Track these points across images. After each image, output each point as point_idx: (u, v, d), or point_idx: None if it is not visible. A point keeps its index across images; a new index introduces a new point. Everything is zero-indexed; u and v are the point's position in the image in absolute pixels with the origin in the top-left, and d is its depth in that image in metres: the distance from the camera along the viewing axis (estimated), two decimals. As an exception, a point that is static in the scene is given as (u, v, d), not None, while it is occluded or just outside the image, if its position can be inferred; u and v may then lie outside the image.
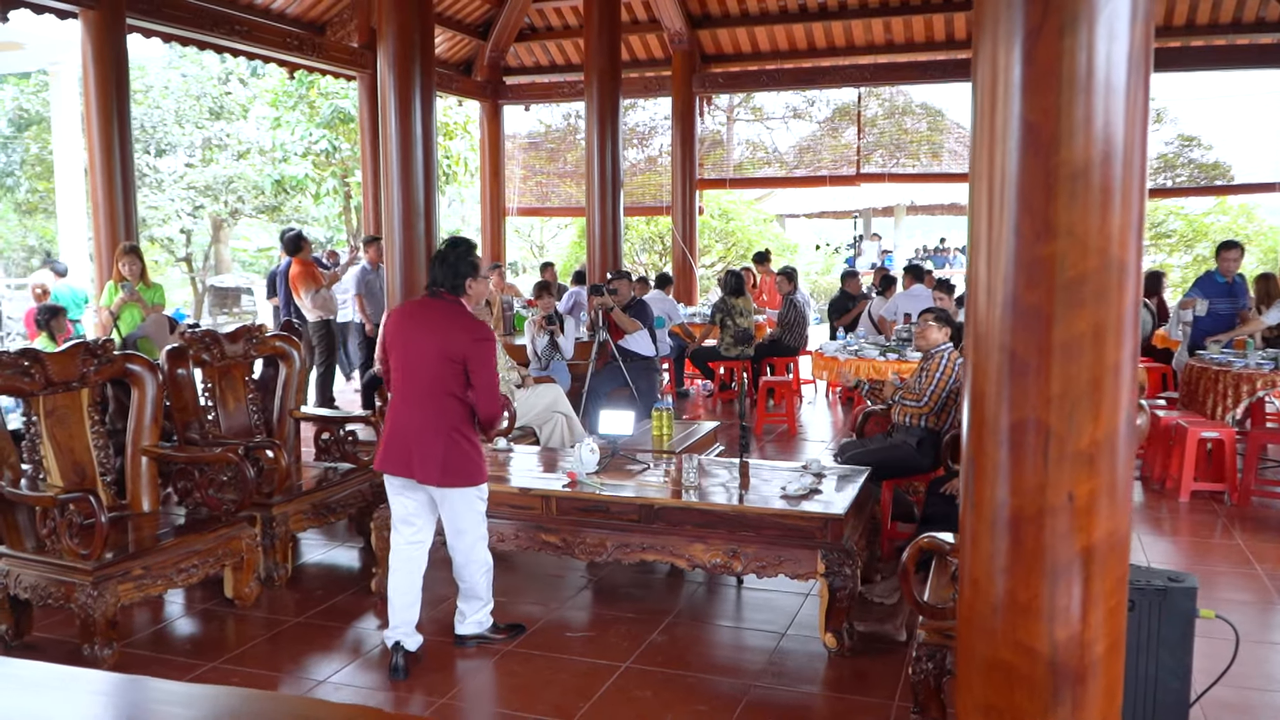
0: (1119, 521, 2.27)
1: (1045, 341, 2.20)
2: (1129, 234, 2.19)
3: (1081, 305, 2.17)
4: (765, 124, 18.09)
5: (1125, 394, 2.24)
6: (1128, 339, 2.23)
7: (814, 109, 18.08)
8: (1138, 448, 5.06)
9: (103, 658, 3.97)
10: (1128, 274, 2.20)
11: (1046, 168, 2.16)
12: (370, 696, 3.80)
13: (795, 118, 18.41)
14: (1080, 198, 2.15)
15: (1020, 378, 2.23)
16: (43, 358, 4.42)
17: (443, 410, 3.84)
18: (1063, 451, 2.21)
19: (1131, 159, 2.20)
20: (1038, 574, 2.27)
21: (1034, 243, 2.19)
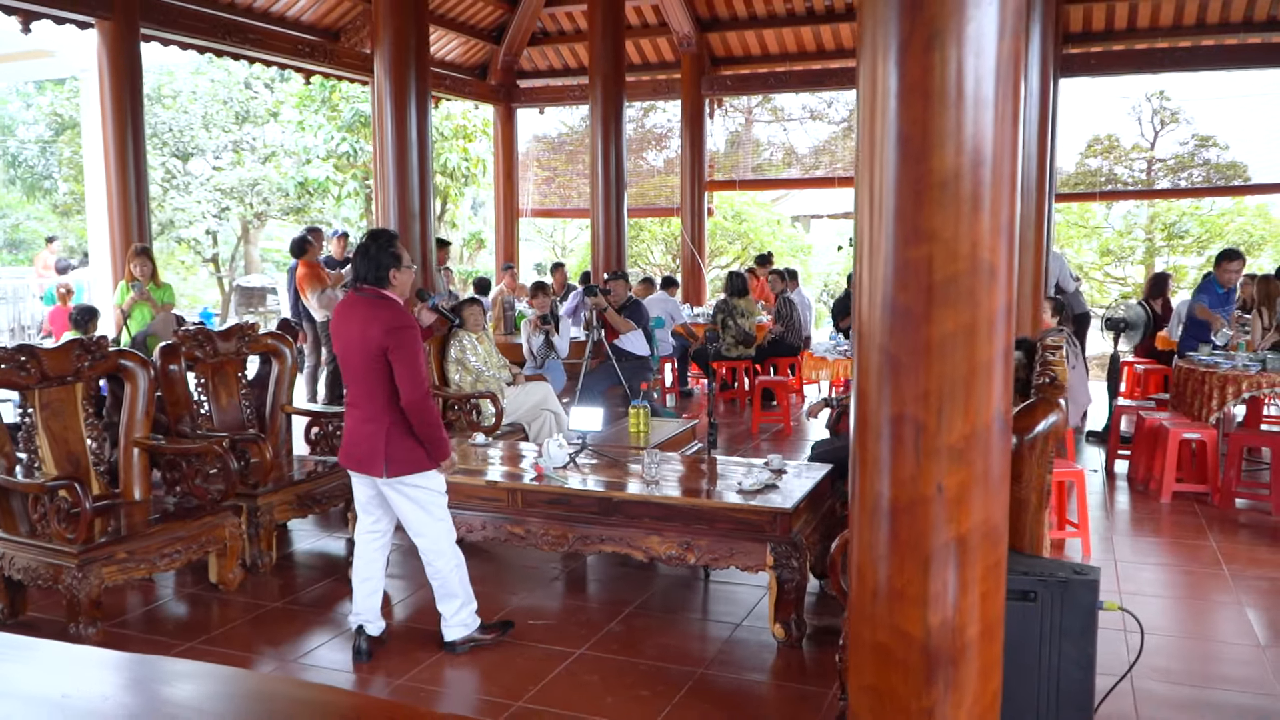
0: (991, 512, 2.40)
1: (917, 341, 2.33)
2: (998, 238, 2.32)
3: (950, 306, 2.30)
4: (783, 125, 18.18)
5: (996, 391, 2.36)
6: (999, 338, 2.35)
7: (831, 110, 18.17)
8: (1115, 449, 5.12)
9: (87, 635, 4.19)
10: (997, 276, 2.32)
11: (916, 175, 2.30)
12: (332, 676, 3.99)
13: (814, 119, 18.50)
14: (948, 204, 2.28)
15: (895, 375, 2.36)
16: (38, 353, 4.66)
17: (379, 403, 3.89)
18: (933, 445, 2.34)
19: (1000, 167, 2.33)
20: (912, 561, 2.40)
21: (906, 247, 2.32)
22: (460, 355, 6.81)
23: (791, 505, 4.19)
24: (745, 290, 10.16)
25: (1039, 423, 3.16)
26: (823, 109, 18.33)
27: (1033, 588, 2.91)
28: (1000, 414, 2.38)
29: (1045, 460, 3.17)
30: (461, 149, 16.29)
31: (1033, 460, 3.15)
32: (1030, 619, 2.91)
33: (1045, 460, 3.17)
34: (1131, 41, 11.38)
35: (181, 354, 5.38)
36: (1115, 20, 11.28)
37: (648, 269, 16.80)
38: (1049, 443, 3.18)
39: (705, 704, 3.71)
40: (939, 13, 2.24)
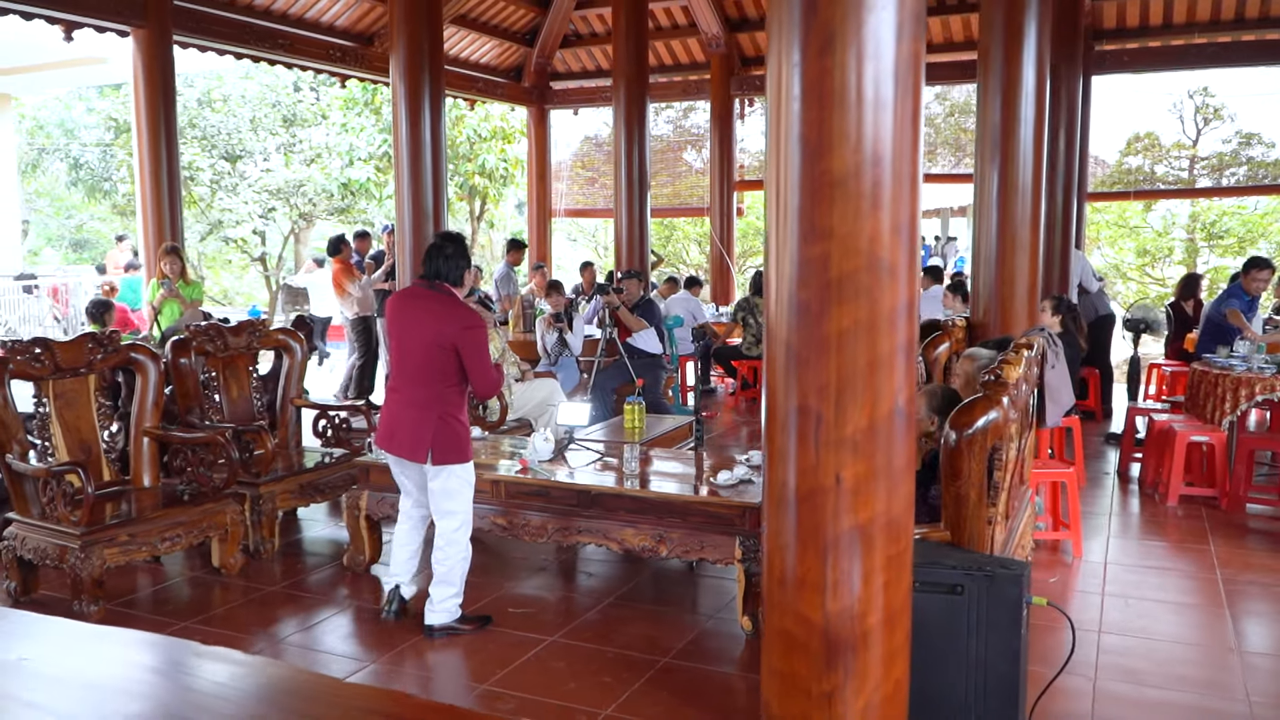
0: (891, 503, 2.47)
1: (816, 335, 2.41)
2: (896, 236, 2.39)
3: (848, 302, 2.38)
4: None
5: (897, 385, 2.44)
6: (898, 334, 2.43)
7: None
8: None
9: (89, 612, 4.43)
10: (895, 273, 2.40)
11: (814, 175, 2.38)
12: (314, 656, 4.16)
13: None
14: (844, 203, 2.36)
15: (797, 369, 2.45)
16: (53, 345, 4.91)
17: (434, 393, 4.15)
18: (832, 436, 2.42)
19: (900, 166, 2.41)
20: (813, 550, 2.48)
21: (806, 244, 2.41)
22: (470, 352, 6.97)
23: (761, 500, 4.25)
24: (766, 290, 10.19)
25: (978, 419, 3.21)
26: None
27: (960, 581, 2.96)
28: (901, 408, 2.45)
29: (984, 456, 3.22)
30: (500, 150, 16.53)
31: (971, 457, 3.20)
32: (957, 612, 2.96)
33: (984, 456, 3.22)
34: (1167, 37, 11.18)
35: (192, 348, 5.61)
36: (1150, 16, 11.10)
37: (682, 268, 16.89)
38: (988, 439, 3.23)
39: (663, 691, 3.80)
40: (833, 16, 2.33)
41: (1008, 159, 5.58)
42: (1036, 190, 5.63)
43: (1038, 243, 5.72)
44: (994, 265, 5.69)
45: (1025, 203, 5.61)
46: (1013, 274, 5.65)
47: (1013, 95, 5.52)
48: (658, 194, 15.38)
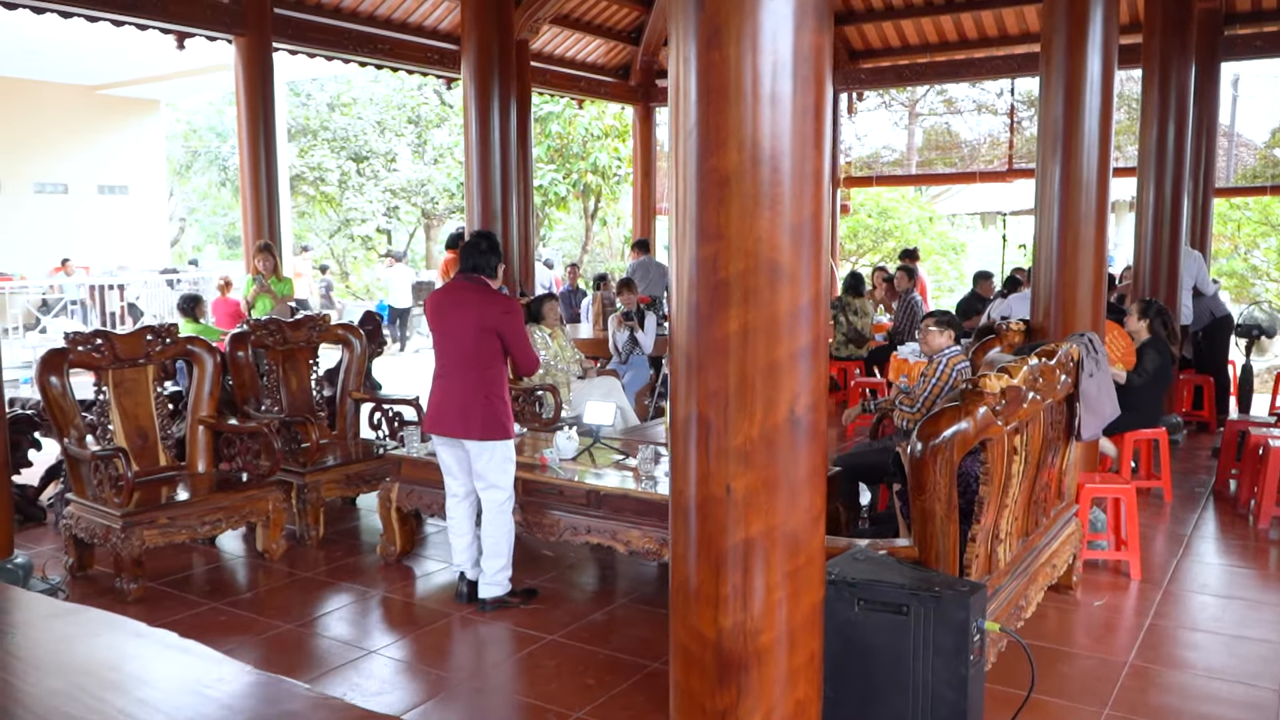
0: (785, 517, 2.36)
1: (706, 340, 2.33)
2: (793, 237, 2.28)
3: (735, 305, 2.29)
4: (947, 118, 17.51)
5: (791, 394, 2.32)
6: (798, 339, 2.31)
7: (1000, 100, 17.33)
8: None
9: (129, 590, 4.70)
10: (790, 276, 2.29)
11: (704, 172, 2.30)
12: (311, 640, 4.29)
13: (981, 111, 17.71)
14: (733, 202, 2.27)
15: (692, 374, 2.37)
16: (112, 337, 5.23)
17: (480, 375, 4.44)
18: (722, 445, 2.33)
19: (800, 165, 2.29)
20: (705, 562, 2.40)
21: (698, 244, 2.33)
22: (531, 349, 7.05)
23: (760, 506, 4.14)
24: (861, 290, 9.93)
25: (944, 430, 3.03)
26: (990, 100, 17.52)
27: (905, 601, 2.80)
28: (801, 416, 2.33)
29: (950, 469, 3.04)
30: (613, 148, 16.65)
31: (936, 469, 3.03)
32: (902, 633, 2.81)
33: (950, 469, 3.04)
34: (1313, 19, 10.26)
35: (250, 342, 5.87)
36: (1291, -4, 10.21)
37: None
38: (954, 451, 3.04)
39: (641, 696, 3.75)
40: (721, 7, 2.24)
41: (1070, 154, 5.25)
42: (1102, 186, 5.27)
43: (1103, 241, 5.36)
44: (1055, 265, 5.36)
45: (1089, 199, 5.26)
46: (1075, 274, 5.32)
47: (1076, 86, 5.19)
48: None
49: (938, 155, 18.02)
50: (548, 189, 16.67)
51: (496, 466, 4.51)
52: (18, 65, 14.66)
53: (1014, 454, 3.56)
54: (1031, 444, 3.80)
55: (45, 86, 15.70)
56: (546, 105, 16.47)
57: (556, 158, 17.12)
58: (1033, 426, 3.78)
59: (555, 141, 16.85)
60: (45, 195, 16.34)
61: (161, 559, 5.27)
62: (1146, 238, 7.92)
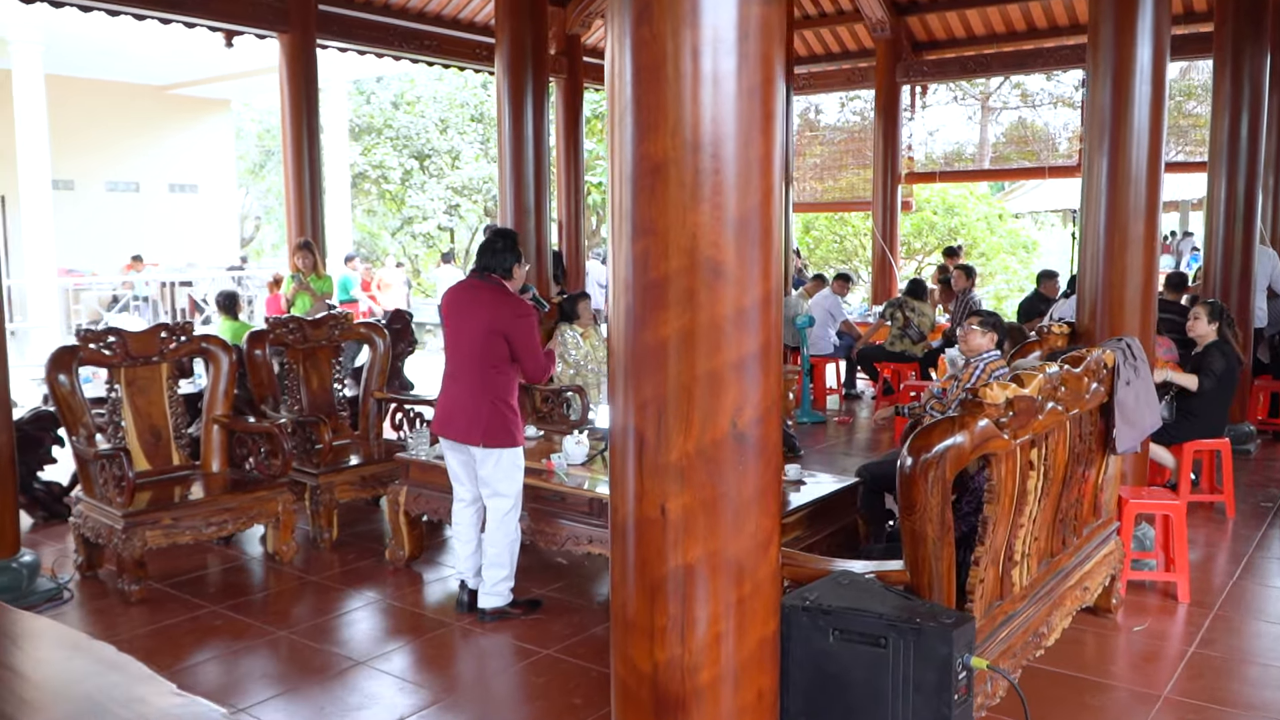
0: (728, 542, 2.14)
1: (637, 345, 2.13)
2: (722, 231, 2.06)
3: (666, 308, 2.08)
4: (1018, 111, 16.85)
5: (735, 404, 2.10)
6: (729, 347, 2.09)
7: (1078, 93, 16.63)
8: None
9: (130, 591, 4.66)
10: (722, 275, 2.07)
11: (634, 160, 2.10)
12: (313, 651, 4.18)
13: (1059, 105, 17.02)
14: (661, 193, 2.06)
15: (626, 382, 2.17)
16: (124, 334, 5.21)
17: (488, 379, 4.30)
18: (655, 462, 2.13)
19: (744, 152, 2.07)
20: (641, 589, 2.19)
21: (630, 240, 2.13)
22: (561, 349, 6.89)
23: (763, 519, 3.90)
24: (923, 293, 9.56)
25: (935, 444, 2.76)
26: (1068, 92, 16.82)
27: (883, 633, 2.55)
28: (744, 432, 2.11)
29: (943, 488, 2.76)
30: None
31: (927, 487, 2.76)
32: (880, 668, 2.55)
33: (943, 488, 2.76)
34: None
35: (268, 340, 5.82)
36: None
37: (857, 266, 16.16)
38: (947, 467, 2.77)
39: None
40: (654, -20, 2.02)
41: (1118, 145, 4.88)
42: (1153, 179, 4.89)
43: (1154, 239, 4.97)
44: (1101, 263, 5.00)
45: (1139, 194, 4.88)
46: (1123, 273, 4.94)
47: (1125, 74, 4.82)
48: (831, 187, 14.79)
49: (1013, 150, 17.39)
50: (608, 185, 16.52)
51: (502, 474, 4.35)
52: (90, 66, 15.05)
53: (1029, 469, 3.26)
54: (1054, 458, 3.49)
55: (117, 87, 16.09)
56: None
57: (617, 155, 16.95)
58: (1055, 439, 3.47)
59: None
60: (117, 194, 16.76)
61: (173, 559, 5.24)
62: (1217, 235, 7.42)
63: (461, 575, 4.59)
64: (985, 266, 14.78)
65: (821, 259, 15.69)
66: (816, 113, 18.41)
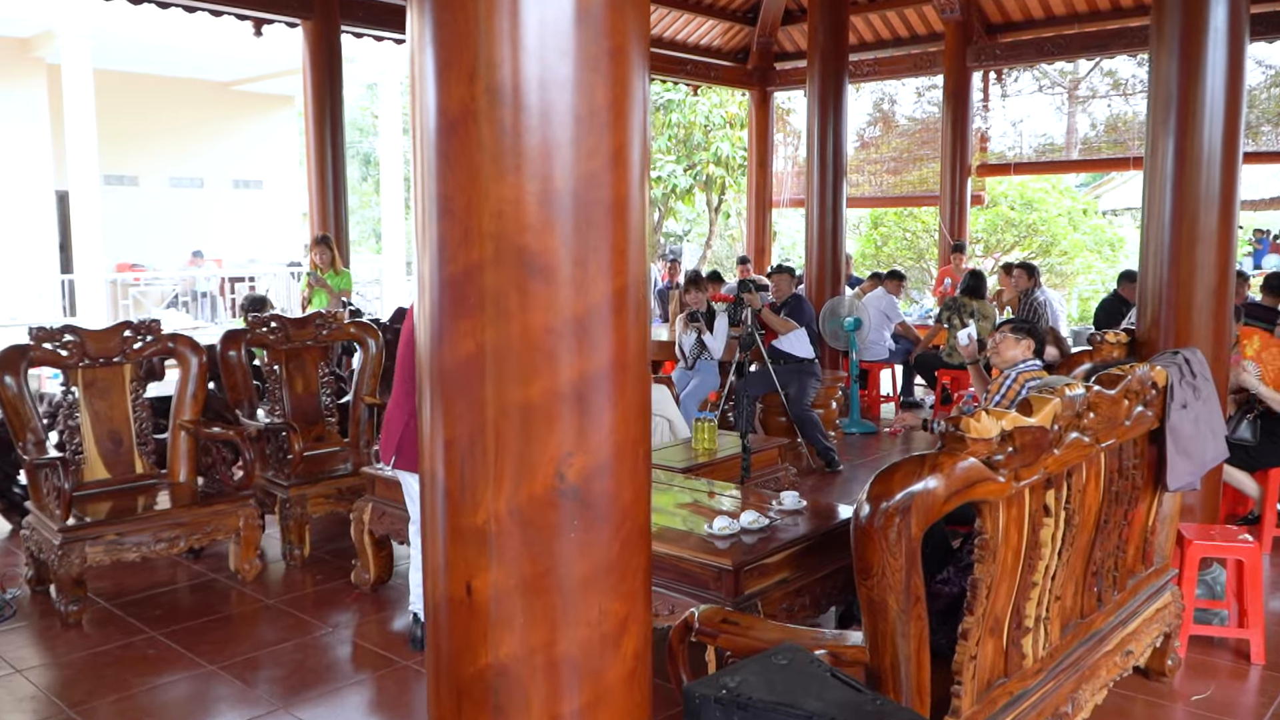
0: (557, 634, 1.58)
1: (434, 364, 1.59)
2: (536, 211, 1.51)
3: (464, 315, 1.54)
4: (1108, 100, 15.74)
5: (550, 450, 1.55)
6: (550, 370, 1.53)
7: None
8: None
9: (69, 612, 4.30)
10: (538, 271, 1.52)
11: (430, 115, 1.56)
12: (235, 691, 3.74)
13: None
14: (457, 159, 1.52)
15: (432, 413, 1.63)
16: (82, 333, 4.86)
17: (405, 392, 3.84)
18: (458, 524, 1.58)
19: (576, 103, 1.51)
20: (445, 691, 1.65)
21: (432, 223, 1.58)
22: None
23: (735, 562, 3.32)
24: (982, 290, 8.79)
25: (898, 490, 2.16)
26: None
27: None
28: (573, 486, 1.55)
29: (905, 547, 2.16)
30: (736, 138, 15.80)
31: (886, 545, 2.15)
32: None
33: (905, 547, 2.16)
34: None
35: (244, 340, 5.44)
36: None
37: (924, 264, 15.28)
38: (913, 521, 2.16)
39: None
40: None
41: (1187, 124, 4.16)
42: (1229, 163, 4.15)
43: (1229, 232, 4.23)
44: (1166, 262, 4.27)
45: (1211, 180, 4.15)
46: (1191, 273, 4.22)
47: (1194, 42, 4.10)
48: (898, 182, 13.98)
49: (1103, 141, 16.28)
50: (667, 180, 15.98)
51: (415, 496, 3.87)
52: (155, 62, 15.10)
53: (1041, 517, 2.62)
54: (1081, 500, 2.83)
55: (182, 83, 16.14)
56: (667, 93, 15.78)
57: (679, 148, 16.39)
58: (1084, 476, 2.82)
59: (677, 131, 16.13)
60: (181, 189, 16.83)
61: (134, 574, 4.91)
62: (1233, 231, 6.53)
63: (413, 607, 4.11)
64: (1067, 265, 13.78)
65: (889, 256, 14.87)
66: (891, 103, 17.59)
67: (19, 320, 11.15)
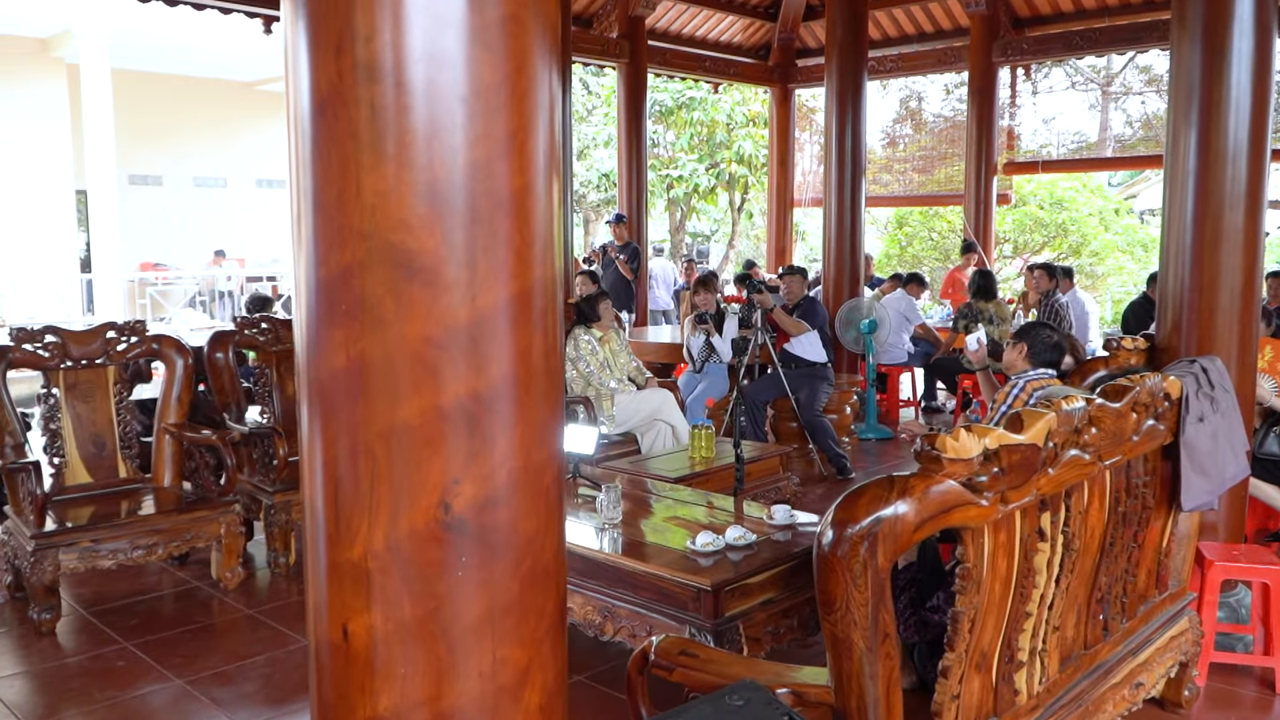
0: (445, 687, 1.40)
1: (310, 376, 1.41)
2: (424, 208, 1.32)
3: (337, 323, 1.36)
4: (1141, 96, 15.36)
5: (433, 477, 1.36)
6: (434, 385, 1.35)
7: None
8: None
9: (41, 621, 4.19)
10: (426, 274, 1.33)
11: (303, 95, 1.37)
12: (195, 705, 3.60)
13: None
14: (327, 146, 1.34)
15: (309, 429, 1.45)
16: (64, 334, 4.75)
17: None
18: (334, 558, 1.40)
19: (470, 84, 1.34)
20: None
21: (308, 219, 1.40)
22: (575, 353, 6.22)
23: (714, 582, 3.12)
24: (993, 292, 8.52)
25: (863, 516, 1.95)
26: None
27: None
28: (462, 519, 1.37)
29: (872, 579, 1.95)
30: (759, 136, 15.56)
31: (850, 575, 1.95)
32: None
33: (872, 579, 1.95)
34: None
35: (232, 342, 5.31)
36: None
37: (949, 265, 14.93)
38: (879, 550, 1.95)
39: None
40: None
41: (1210, 114, 3.90)
42: (1256, 157, 3.89)
43: (1256, 231, 3.96)
44: (1187, 263, 4.01)
45: (1237, 175, 3.89)
46: (1215, 275, 3.95)
47: (1219, 31, 3.84)
48: (925, 180, 13.69)
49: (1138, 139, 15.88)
50: (689, 179, 15.77)
51: None
52: (179, 62, 15.14)
53: (1035, 542, 2.40)
54: (1085, 522, 2.61)
55: (206, 83, 16.17)
56: (689, 91, 15.58)
57: (702, 146, 16.18)
58: (1085, 496, 2.59)
59: (699, 130, 15.92)
60: (205, 189, 16.87)
61: (117, 580, 4.80)
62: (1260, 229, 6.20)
63: None
64: (1098, 266, 13.41)
65: (914, 257, 14.56)
66: (918, 100, 17.26)
67: (36, 319, 11.17)
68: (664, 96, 15.69)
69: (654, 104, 15.82)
